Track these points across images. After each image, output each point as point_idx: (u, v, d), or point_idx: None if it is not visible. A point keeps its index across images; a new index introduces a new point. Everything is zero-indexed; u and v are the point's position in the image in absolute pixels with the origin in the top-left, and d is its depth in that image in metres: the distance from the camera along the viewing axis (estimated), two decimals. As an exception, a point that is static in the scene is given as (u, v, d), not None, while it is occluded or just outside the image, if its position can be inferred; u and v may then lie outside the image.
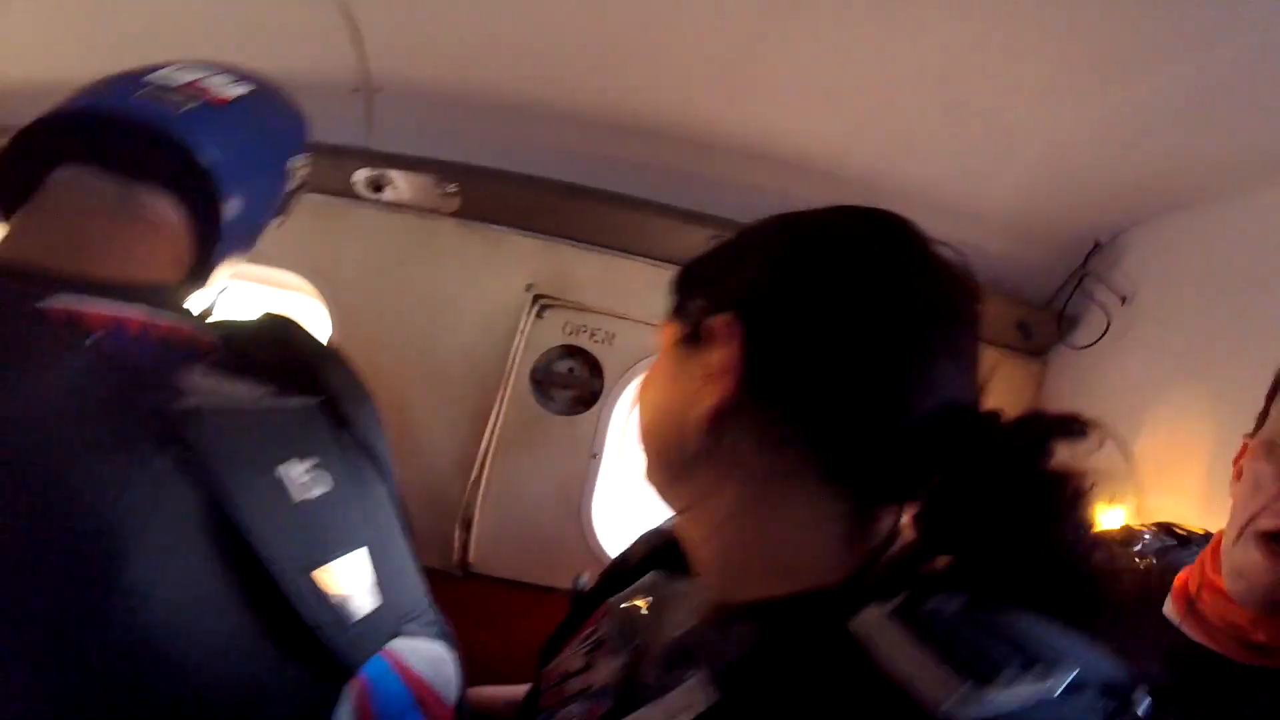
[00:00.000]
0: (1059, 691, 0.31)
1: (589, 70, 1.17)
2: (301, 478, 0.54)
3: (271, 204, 0.69)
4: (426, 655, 0.62)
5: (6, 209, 0.57)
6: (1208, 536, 0.77)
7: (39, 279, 0.49)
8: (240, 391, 0.52)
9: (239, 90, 0.64)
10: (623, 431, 1.65)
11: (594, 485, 1.61)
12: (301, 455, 0.54)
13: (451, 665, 0.64)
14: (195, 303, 0.61)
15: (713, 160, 1.30)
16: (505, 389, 1.59)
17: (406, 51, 1.18)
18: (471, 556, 1.58)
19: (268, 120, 0.68)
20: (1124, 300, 1.35)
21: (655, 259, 1.51)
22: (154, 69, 0.61)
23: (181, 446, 0.44)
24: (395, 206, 1.47)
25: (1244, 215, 1.09)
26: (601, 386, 1.61)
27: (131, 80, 0.60)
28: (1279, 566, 0.58)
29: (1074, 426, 0.37)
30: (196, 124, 0.59)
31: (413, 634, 0.61)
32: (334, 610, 0.51)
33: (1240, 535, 0.62)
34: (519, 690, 0.77)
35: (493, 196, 1.44)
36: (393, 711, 0.55)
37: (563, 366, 1.64)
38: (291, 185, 0.72)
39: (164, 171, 0.57)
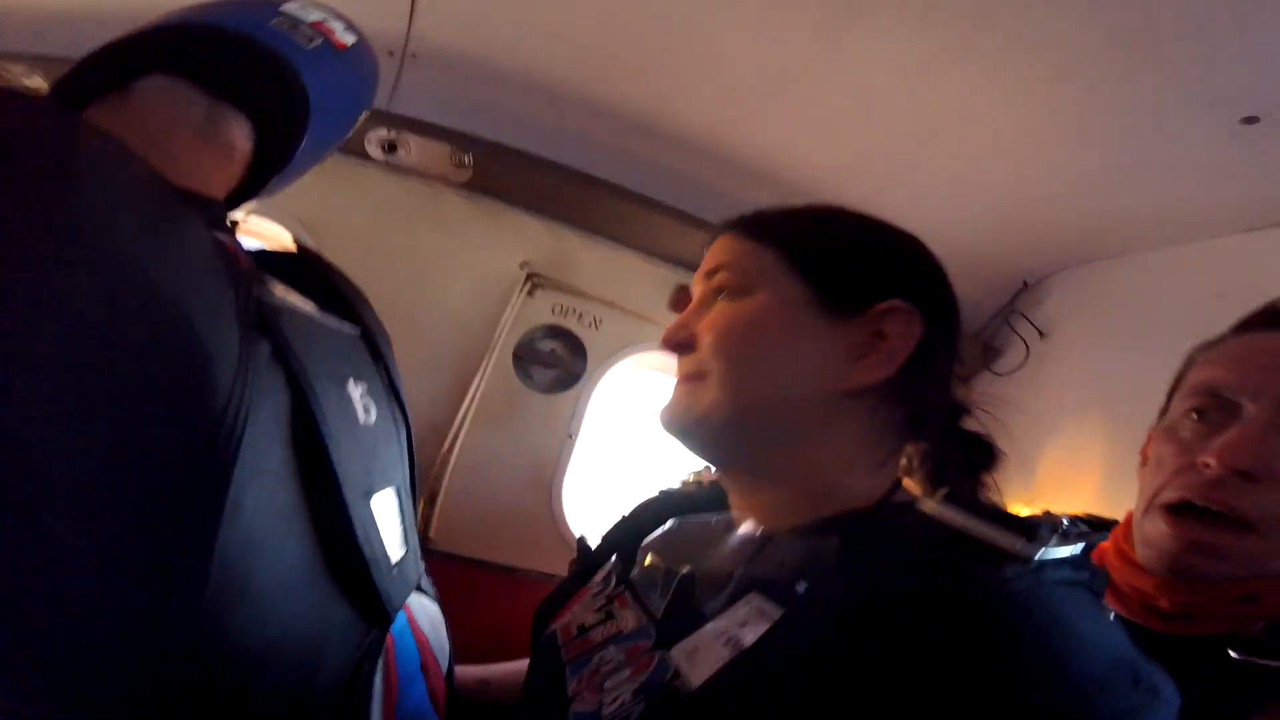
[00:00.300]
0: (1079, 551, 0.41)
1: (626, 70, 1.25)
2: (361, 399, 0.55)
3: (326, 152, 0.70)
4: (430, 615, 0.65)
5: (81, 101, 0.55)
6: (1116, 522, 0.86)
7: None
8: (307, 307, 0.52)
9: (351, 39, 0.65)
10: (601, 415, 1.72)
11: (567, 466, 1.66)
12: (358, 378, 0.55)
13: (444, 629, 0.66)
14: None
15: (721, 173, 1.42)
16: (488, 361, 1.61)
17: (455, 23, 1.21)
18: (432, 532, 1.57)
19: (362, 73, 0.69)
20: (1042, 335, 1.60)
21: (652, 254, 1.61)
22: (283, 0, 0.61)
23: (279, 339, 0.43)
24: (404, 171, 1.48)
25: (1143, 271, 1.35)
26: (583, 369, 1.67)
27: (268, 8, 0.59)
28: (1180, 533, 0.64)
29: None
30: (317, 63, 0.60)
31: (421, 590, 0.64)
32: (381, 546, 0.51)
33: (1148, 508, 0.69)
34: (488, 669, 0.78)
35: (505, 173, 1.48)
36: (407, 673, 0.56)
37: (546, 346, 1.68)
38: (347, 137, 0.72)
39: (262, 100, 0.57)
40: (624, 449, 1.85)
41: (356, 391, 0.55)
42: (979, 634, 0.35)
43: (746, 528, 0.55)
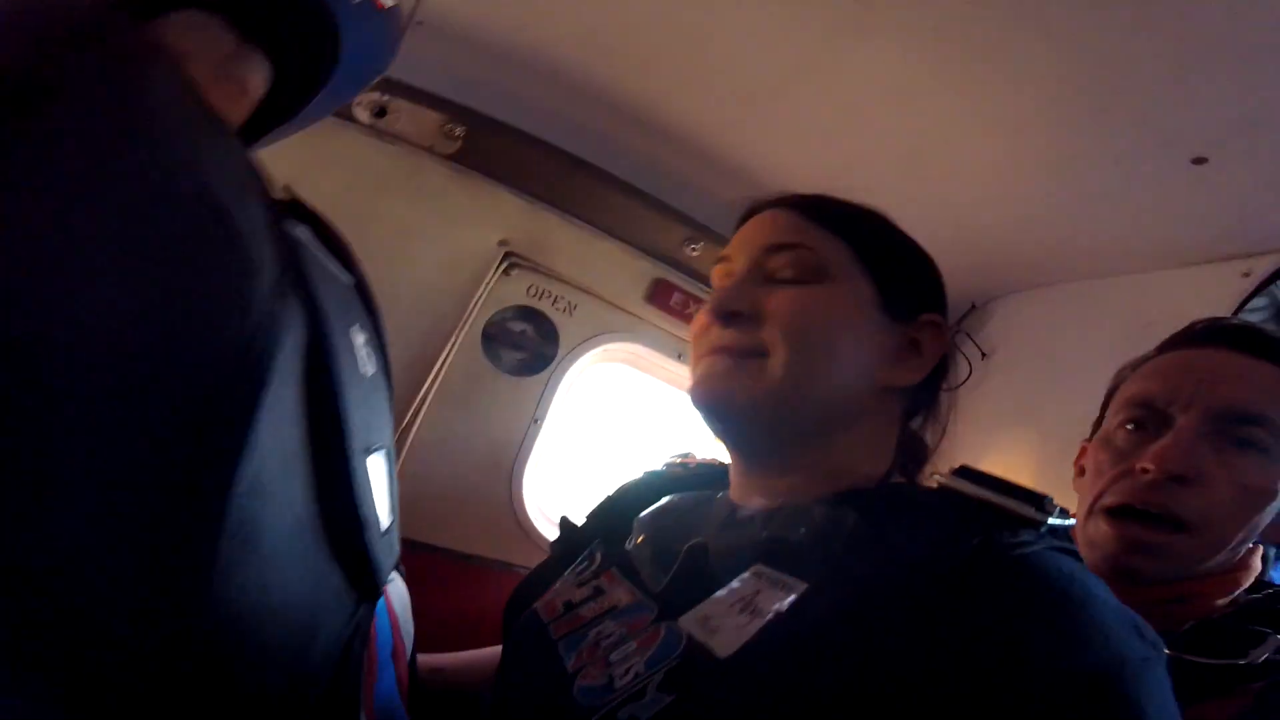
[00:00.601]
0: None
1: (631, 62, 1.26)
2: (362, 349, 0.54)
3: (326, 112, 0.67)
4: (402, 597, 0.64)
5: None
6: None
7: None
8: (315, 246, 0.51)
9: (390, 1, 0.64)
10: (570, 403, 1.71)
11: (530, 451, 1.64)
12: (360, 327, 0.54)
13: (411, 612, 0.65)
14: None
15: (708, 172, 1.46)
16: (456, 338, 1.57)
17: (471, -7, 1.19)
18: (383, 513, 1.51)
19: (391, 37, 0.67)
20: (984, 355, 1.73)
21: (632, 245, 1.62)
22: None
23: (300, 269, 0.42)
24: (389, 136, 1.44)
25: (1078, 300, 1.49)
26: (554, 354, 1.66)
27: None
28: (1122, 534, 0.69)
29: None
30: (358, 19, 0.58)
31: (396, 569, 0.63)
32: (374, 509, 0.50)
33: (1090, 513, 0.74)
34: (441, 658, 0.76)
35: (494, 149, 1.46)
36: (382, 658, 0.55)
37: (517, 327, 1.66)
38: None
39: (292, 47, 0.55)
40: (592, 439, 1.84)
41: (359, 339, 0.54)
42: (1014, 590, 0.38)
43: (755, 503, 0.56)
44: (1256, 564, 0.72)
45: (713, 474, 0.70)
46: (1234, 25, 0.74)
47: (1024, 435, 1.57)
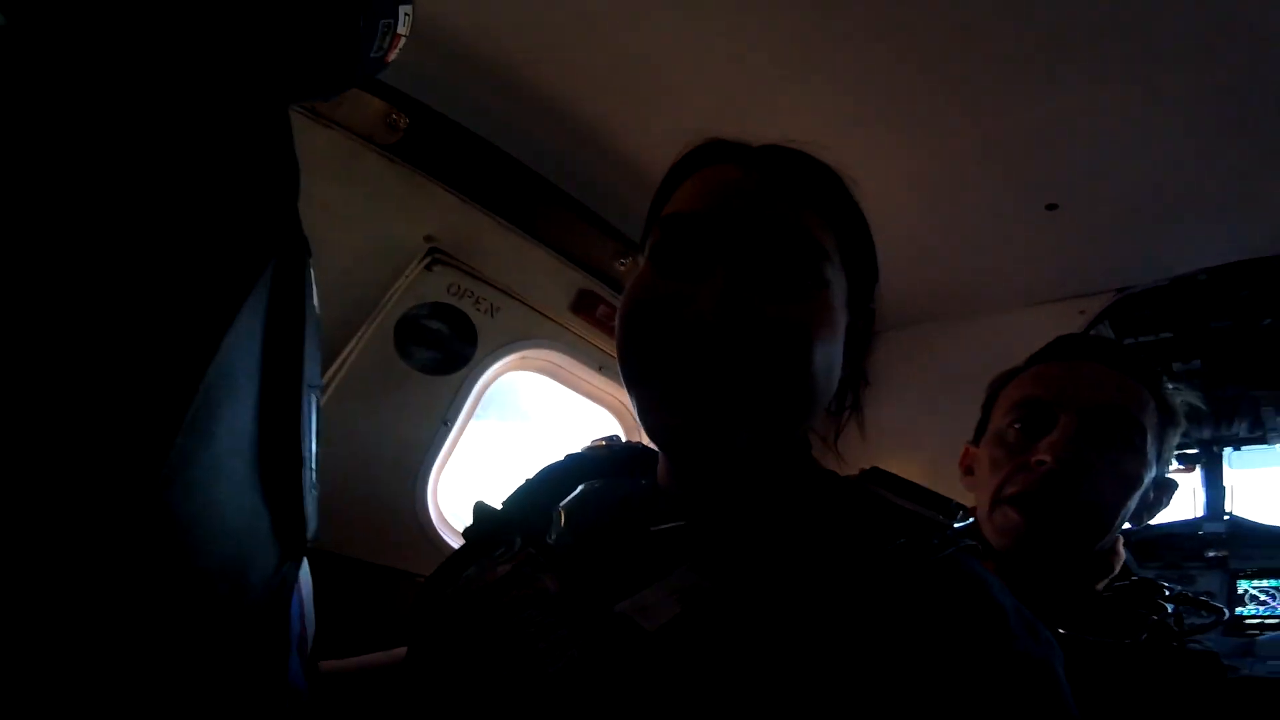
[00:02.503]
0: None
1: (587, 79, 1.31)
2: (311, 283, 0.53)
3: None
4: (308, 586, 0.62)
5: None
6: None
7: None
8: None
9: (395, 55, 0.64)
10: (485, 407, 1.65)
11: (438, 454, 1.55)
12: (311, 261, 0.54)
13: (313, 607, 0.64)
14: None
15: (647, 193, 1.52)
16: (367, 329, 1.49)
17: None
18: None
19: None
20: (867, 384, 1.92)
21: (563, 254, 1.64)
22: None
23: (292, 199, 0.44)
24: (326, 120, 1.37)
25: (949, 336, 1.71)
26: (470, 355, 1.60)
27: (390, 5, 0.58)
28: (1028, 520, 0.77)
29: None
30: (366, 69, 0.59)
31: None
32: (311, 448, 0.49)
33: (993, 504, 0.82)
34: (326, 664, 0.70)
35: (434, 144, 1.44)
36: (293, 635, 0.53)
37: (434, 325, 1.59)
38: None
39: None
40: (506, 444, 1.78)
41: (312, 272, 0.53)
42: (947, 589, 0.40)
43: (685, 491, 0.54)
44: (1123, 550, 0.84)
45: (634, 455, 0.67)
46: (1090, 89, 0.94)
47: (907, 462, 1.74)
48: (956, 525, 0.47)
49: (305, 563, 0.57)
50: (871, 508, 0.47)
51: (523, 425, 1.85)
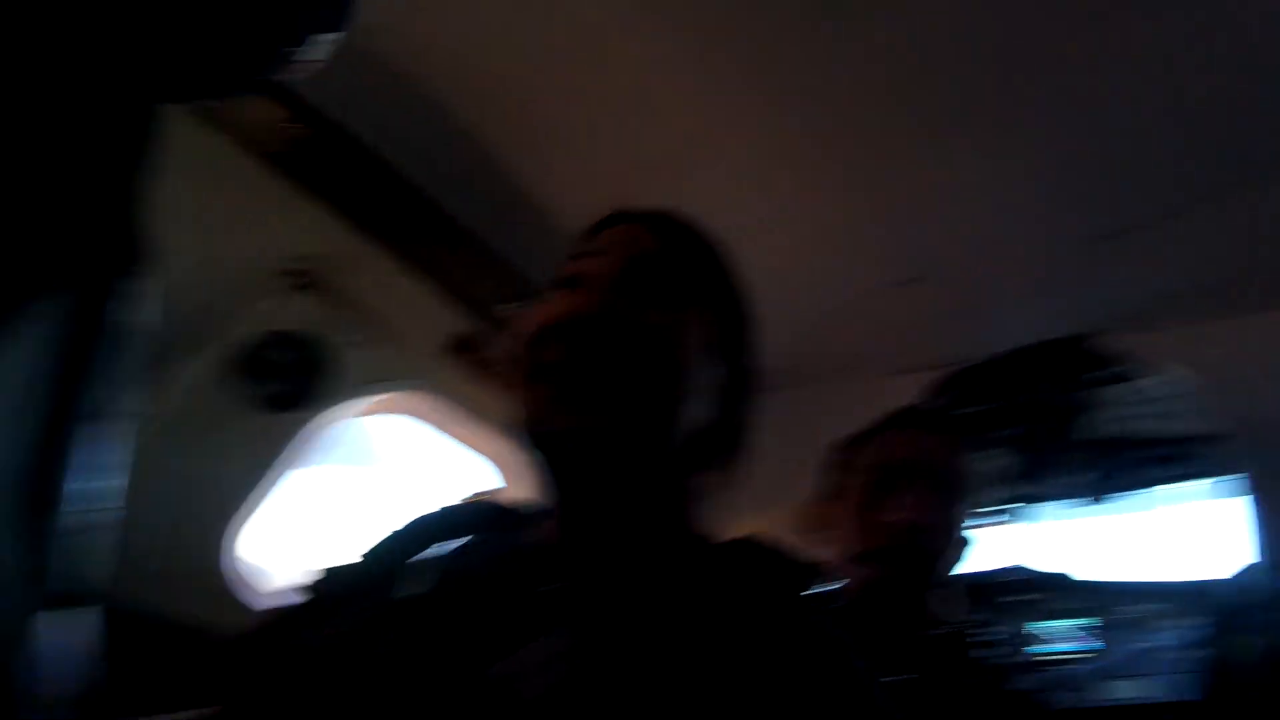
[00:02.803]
0: None
1: (507, 111, 1.30)
2: (142, 300, 0.50)
3: None
4: (89, 633, 0.52)
5: None
6: None
7: None
8: None
9: None
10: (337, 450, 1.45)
11: (262, 499, 1.34)
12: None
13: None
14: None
15: (551, 236, 1.48)
16: (207, 353, 1.30)
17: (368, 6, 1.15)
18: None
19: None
20: (747, 443, 1.96)
21: (449, 292, 1.54)
22: None
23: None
24: (208, 120, 1.23)
25: (813, 402, 1.79)
26: (319, 391, 1.42)
27: None
28: (886, 571, 0.91)
29: None
30: None
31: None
32: (97, 492, 0.45)
33: (855, 557, 0.92)
34: None
35: (327, 159, 1.33)
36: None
37: (286, 355, 1.41)
38: None
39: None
40: (349, 491, 1.57)
41: (153, 287, 0.50)
42: (818, 649, 0.45)
43: (568, 546, 0.55)
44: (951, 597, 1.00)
45: (512, 512, 0.65)
46: (949, 166, 1.08)
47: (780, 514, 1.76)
48: (825, 589, 0.51)
49: (95, 612, 0.47)
50: (743, 573, 0.52)
51: (371, 471, 1.66)
